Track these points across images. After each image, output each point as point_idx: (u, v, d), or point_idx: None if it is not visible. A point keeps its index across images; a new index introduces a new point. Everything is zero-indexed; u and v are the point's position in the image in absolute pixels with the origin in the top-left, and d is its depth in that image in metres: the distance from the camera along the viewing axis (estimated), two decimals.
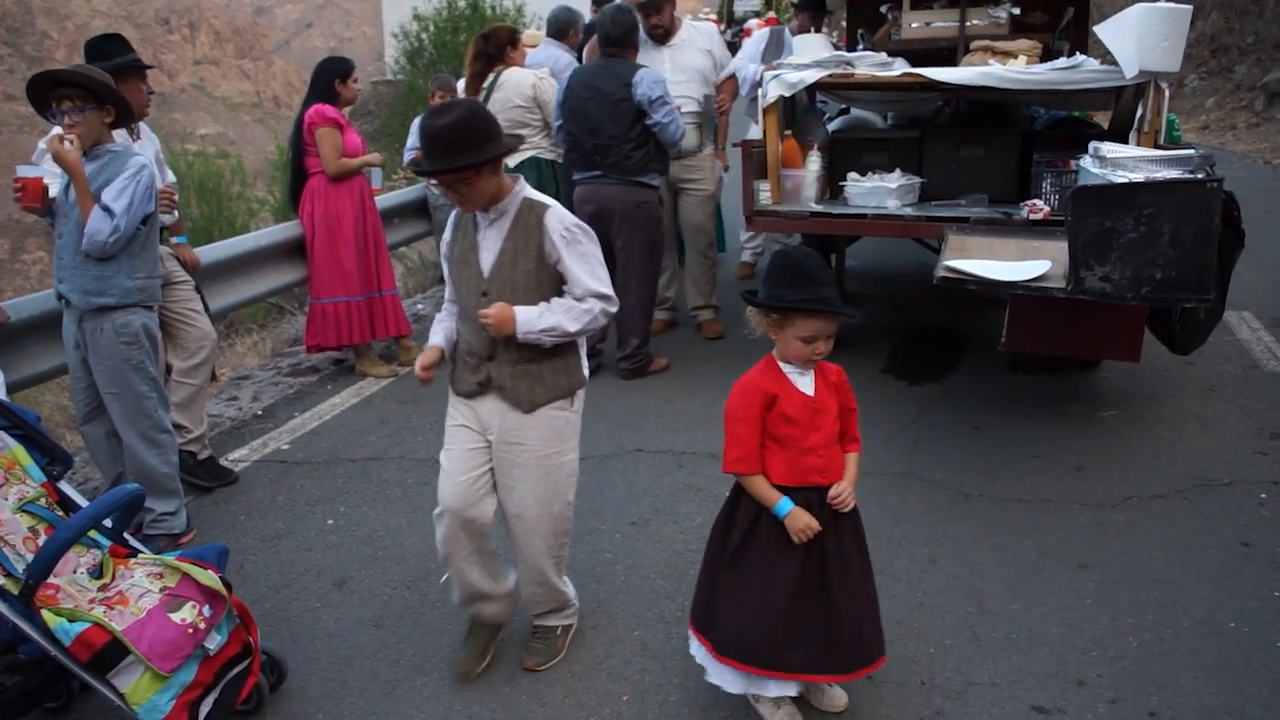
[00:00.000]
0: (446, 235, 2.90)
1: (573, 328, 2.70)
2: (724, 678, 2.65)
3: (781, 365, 2.60)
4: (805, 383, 2.59)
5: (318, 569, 3.67)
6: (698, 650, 2.71)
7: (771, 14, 26.37)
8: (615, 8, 5.37)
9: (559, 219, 2.71)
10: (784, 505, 2.54)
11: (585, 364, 2.91)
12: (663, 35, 5.69)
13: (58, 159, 3.31)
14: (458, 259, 2.82)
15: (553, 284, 2.74)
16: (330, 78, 5.49)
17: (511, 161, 5.88)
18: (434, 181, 2.77)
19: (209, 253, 5.26)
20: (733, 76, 5.92)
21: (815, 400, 2.58)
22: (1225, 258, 3.97)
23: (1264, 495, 3.88)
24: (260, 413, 5.34)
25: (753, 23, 23.74)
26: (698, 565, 3.51)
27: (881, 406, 4.88)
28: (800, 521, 2.52)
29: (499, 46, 5.84)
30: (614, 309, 2.78)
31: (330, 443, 4.84)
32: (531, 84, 5.78)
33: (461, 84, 6.36)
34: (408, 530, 3.91)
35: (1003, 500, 3.93)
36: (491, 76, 5.83)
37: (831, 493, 2.56)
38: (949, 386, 5.18)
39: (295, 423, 5.14)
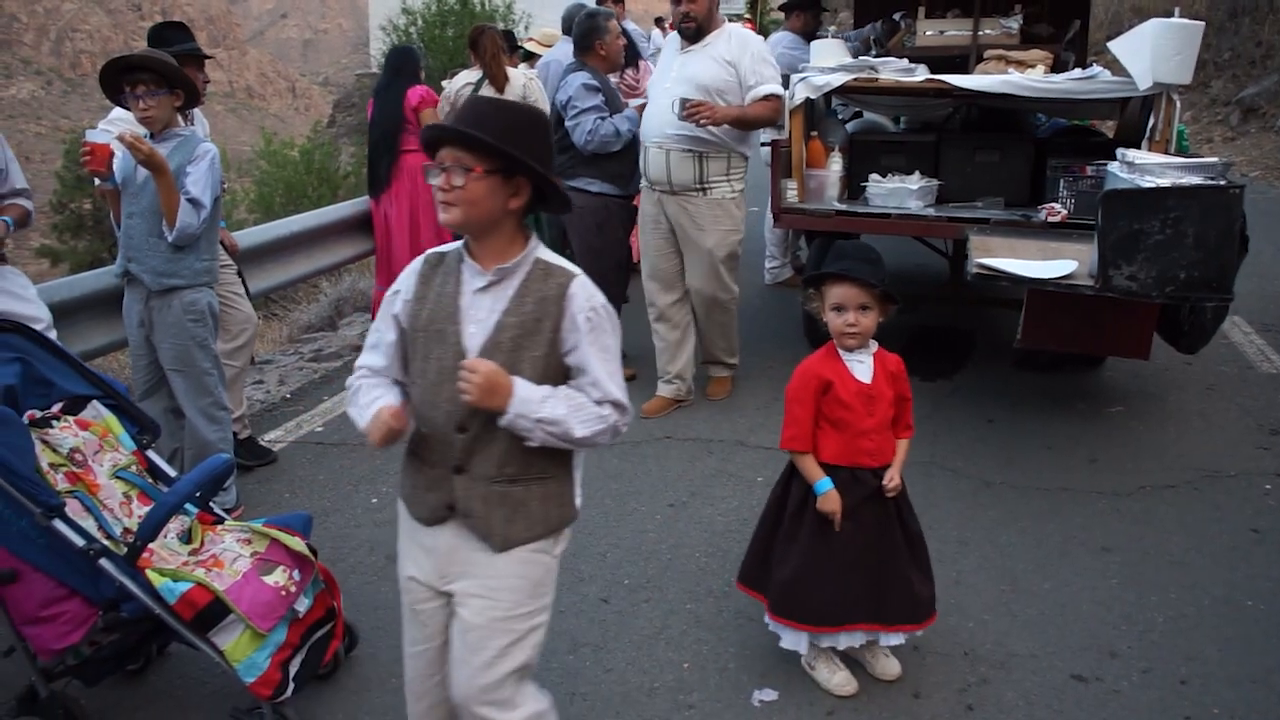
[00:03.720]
0: (404, 287, 2.11)
1: (579, 432, 1.99)
2: (783, 633, 2.89)
3: (841, 353, 2.78)
4: (863, 370, 2.78)
5: (369, 544, 3.79)
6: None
7: (749, 17, 26.57)
8: (579, 11, 5.36)
9: (587, 294, 2.02)
10: (822, 485, 2.75)
11: (579, 491, 2.19)
12: (694, 32, 4.60)
13: (148, 163, 3.40)
14: (425, 327, 2.05)
15: (561, 382, 2.05)
16: (415, 66, 5.95)
17: None
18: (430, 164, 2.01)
19: (262, 233, 5.47)
20: (772, 98, 4.63)
21: (871, 388, 2.77)
22: None
23: (1268, 486, 4.10)
24: (289, 396, 5.43)
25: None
26: (740, 545, 3.69)
27: None
28: (830, 504, 2.74)
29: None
30: (626, 426, 2.11)
31: None
32: (522, 84, 5.98)
33: (451, 84, 6.38)
34: None
35: (1023, 488, 4.12)
36: (481, 73, 5.99)
37: (886, 482, 2.79)
38: (960, 383, 5.38)
39: (325, 406, 5.24)
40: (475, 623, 2.06)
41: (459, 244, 2.09)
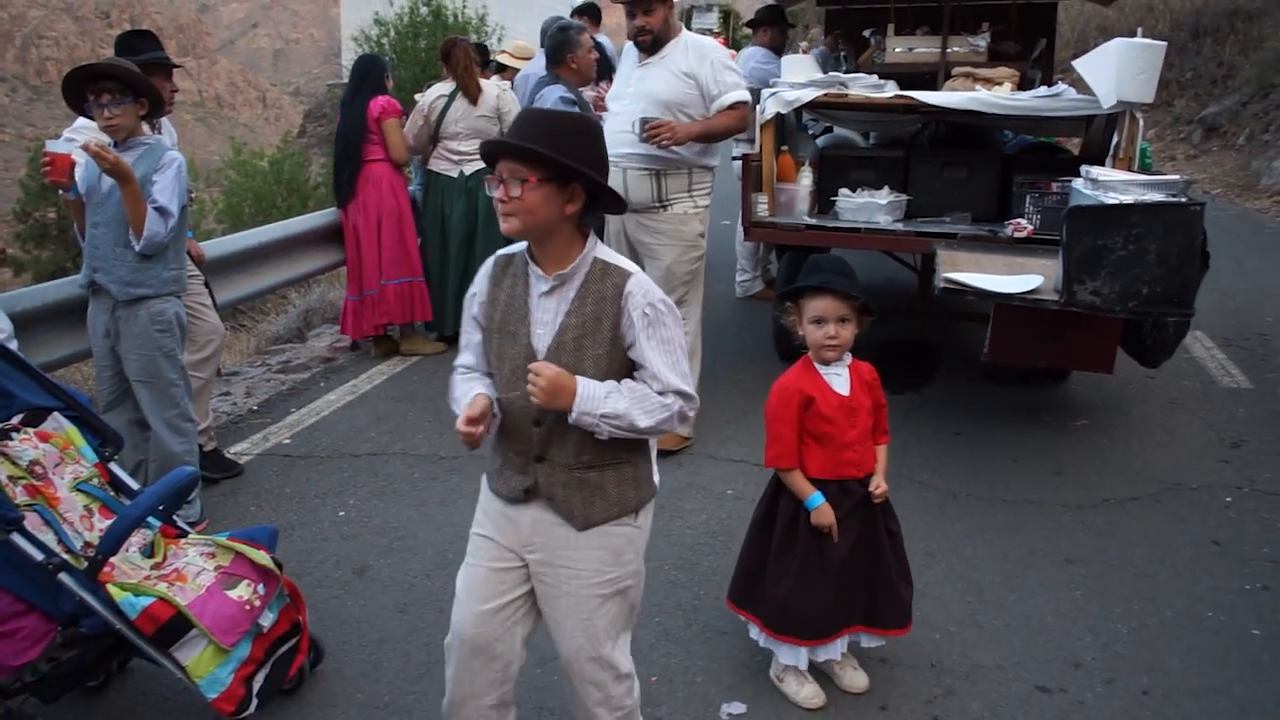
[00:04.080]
0: (479, 290, 2.25)
1: (643, 422, 2.09)
2: (779, 649, 2.88)
3: (817, 367, 2.79)
4: (840, 383, 2.80)
5: (336, 558, 3.75)
6: (753, 631, 2.95)
7: (719, 32, 26.79)
8: (552, 24, 5.36)
9: (643, 291, 2.11)
10: (814, 499, 2.78)
11: (655, 468, 2.30)
12: (650, 44, 4.40)
13: (113, 172, 3.36)
14: (499, 328, 2.18)
15: (625, 375, 2.15)
16: (380, 75, 5.95)
17: (467, 169, 6.03)
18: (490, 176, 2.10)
19: (230, 243, 5.43)
20: (738, 105, 4.40)
21: (850, 399, 2.80)
22: None
23: (1229, 499, 4.16)
24: (256, 408, 5.38)
25: None
26: (709, 558, 3.72)
27: None
28: (824, 517, 2.77)
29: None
30: (694, 411, 2.20)
31: (331, 438, 4.90)
32: (496, 95, 6.02)
33: (424, 97, 6.33)
34: (420, 522, 4.01)
35: (990, 500, 4.15)
36: (454, 85, 6.00)
37: (874, 489, 2.83)
38: (928, 395, 5.42)
39: (293, 418, 5.19)
40: (563, 590, 2.22)
41: (524, 245, 2.18)
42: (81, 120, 3.83)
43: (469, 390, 2.19)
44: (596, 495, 2.18)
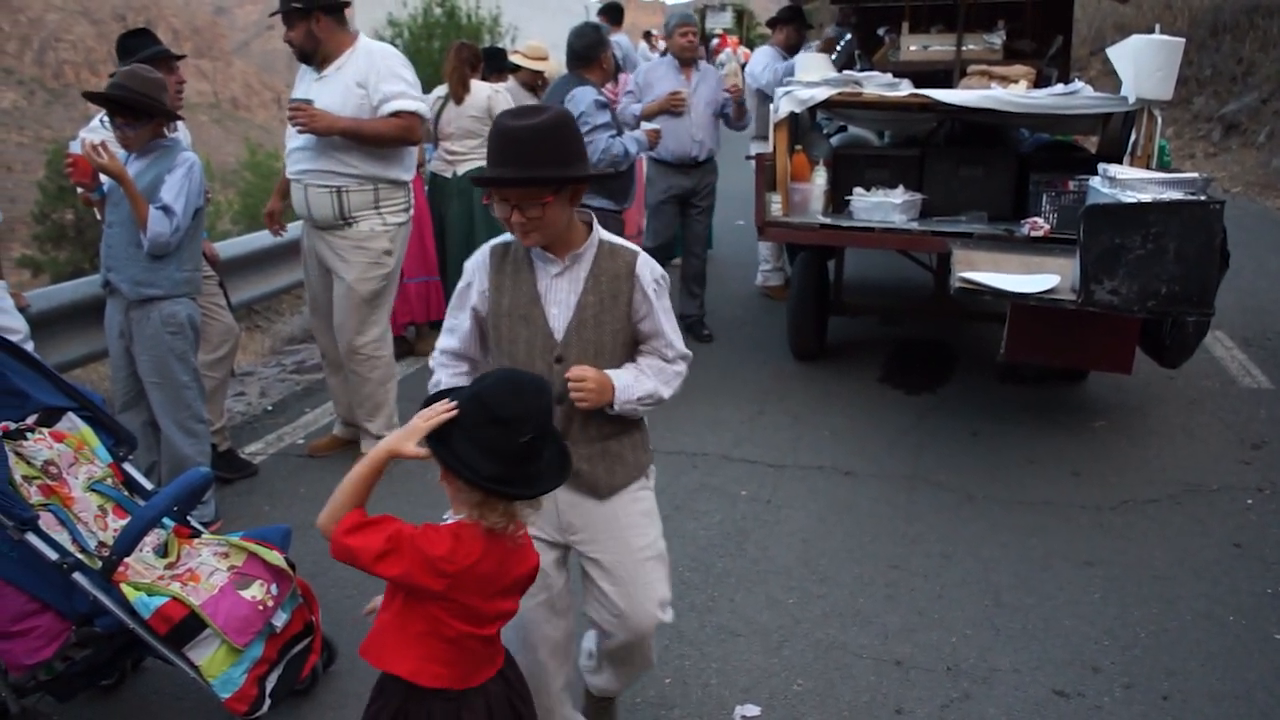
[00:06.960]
0: (475, 280, 2.31)
1: (666, 393, 2.28)
2: None
3: None
4: None
5: None
6: None
7: (724, 31, 26.72)
8: (581, 24, 5.43)
9: (650, 268, 2.27)
10: None
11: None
12: (316, 57, 4.16)
13: (105, 171, 3.38)
14: (509, 312, 2.25)
15: (631, 347, 2.31)
16: None
17: (460, 169, 6.02)
18: (491, 199, 2.18)
19: (245, 243, 5.42)
20: (402, 114, 4.15)
21: None
22: None
23: (1250, 500, 4.11)
24: (270, 408, 5.39)
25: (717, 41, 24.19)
26: (723, 558, 3.71)
27: (882, 413, 5.07)
28: None
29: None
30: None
31: None
32: (487, 96, 6.03)
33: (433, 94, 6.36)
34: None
35: (1006, 502, 4.12)
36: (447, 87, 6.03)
37: None
38: (944, 395, 5.38)
39: (307, 418, 5.20)
40: (621, 560, 2.32)
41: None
42: (95, 121, 3.85)
43: (450, 383, 2.31)
44: (617, 464, 2.32)
